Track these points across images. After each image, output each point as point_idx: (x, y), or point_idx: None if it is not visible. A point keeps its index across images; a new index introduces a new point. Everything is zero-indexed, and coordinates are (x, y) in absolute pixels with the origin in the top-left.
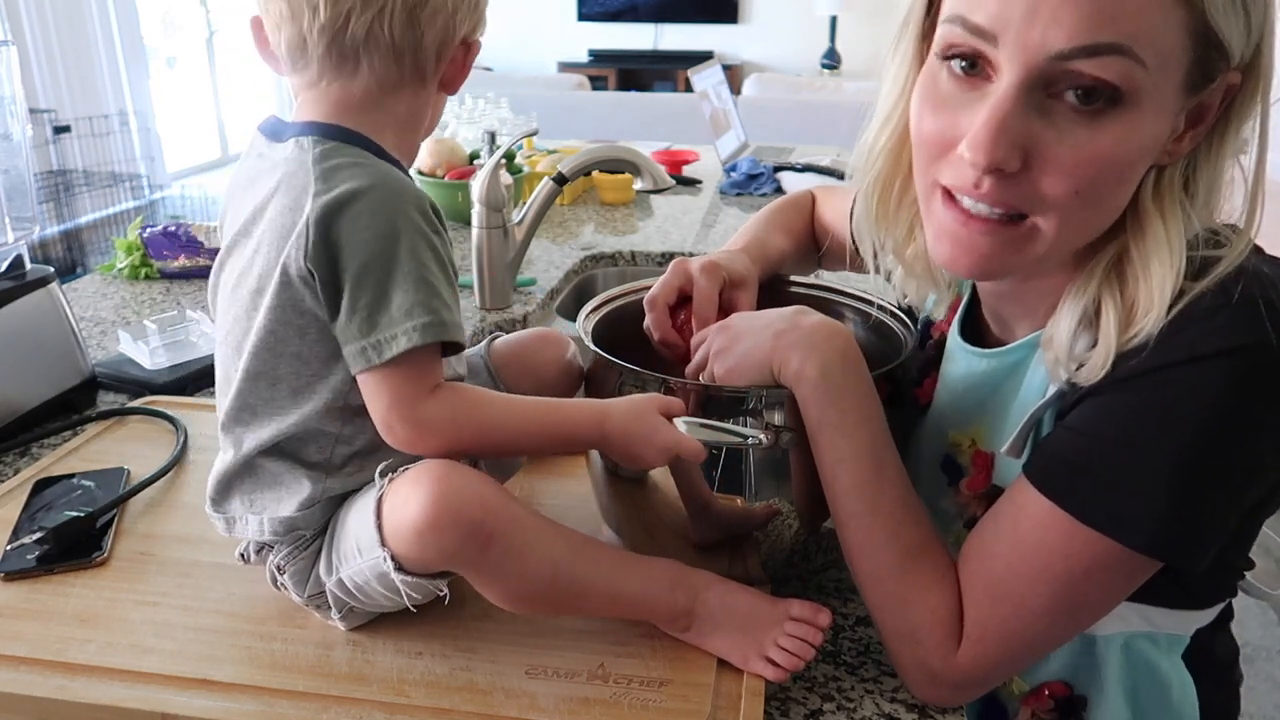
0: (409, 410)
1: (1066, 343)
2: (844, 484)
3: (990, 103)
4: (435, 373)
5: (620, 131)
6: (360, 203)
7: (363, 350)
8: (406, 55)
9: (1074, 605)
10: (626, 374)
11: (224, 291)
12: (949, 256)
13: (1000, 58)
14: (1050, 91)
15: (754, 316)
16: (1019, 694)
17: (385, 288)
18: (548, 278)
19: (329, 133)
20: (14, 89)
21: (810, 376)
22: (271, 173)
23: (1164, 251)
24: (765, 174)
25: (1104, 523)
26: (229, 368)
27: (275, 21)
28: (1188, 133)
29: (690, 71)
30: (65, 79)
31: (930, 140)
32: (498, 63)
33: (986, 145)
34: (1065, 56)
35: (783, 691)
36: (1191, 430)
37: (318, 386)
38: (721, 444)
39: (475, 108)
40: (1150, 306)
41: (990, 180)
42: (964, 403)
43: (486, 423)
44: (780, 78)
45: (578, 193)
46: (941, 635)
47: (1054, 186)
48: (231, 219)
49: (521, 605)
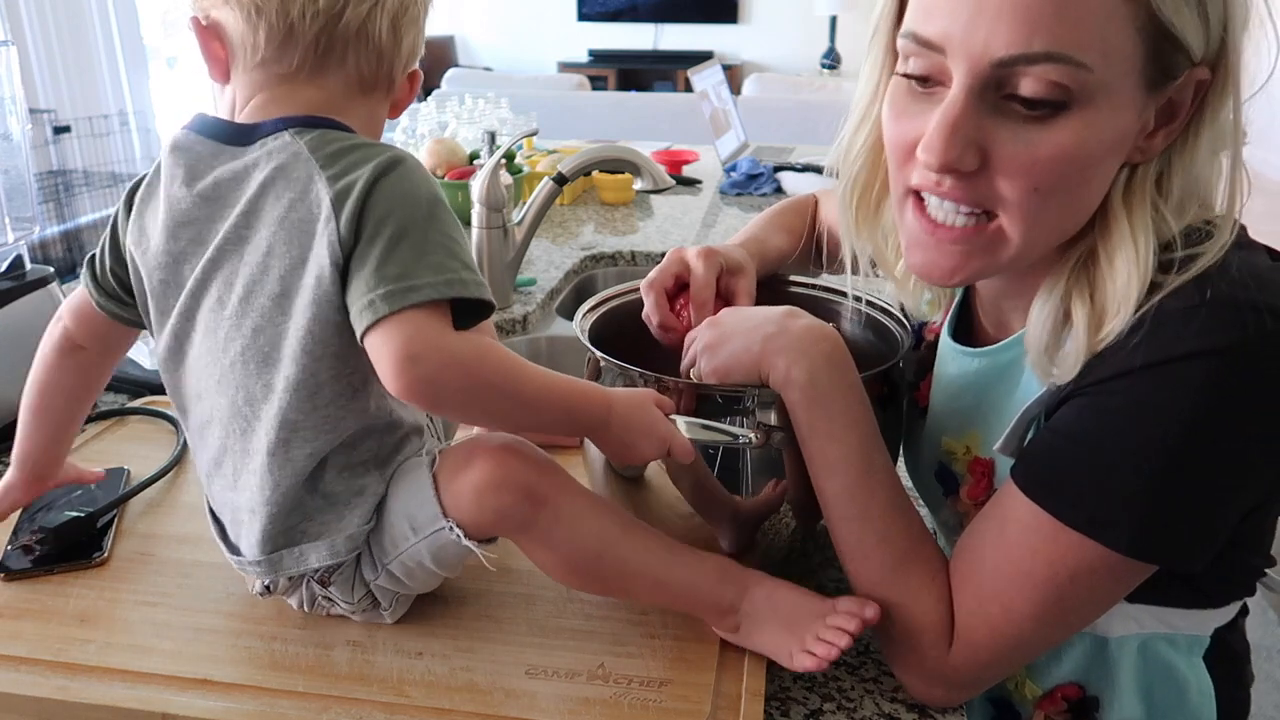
0: (436, 338)
1: (1042, 342)
2: (834, 488)
3: (943, 107)
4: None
5: (620, 131)
6: (401, 168)
7: (389, 295)
8: (385, 58)
9: (1062, 608)
10: (623, 373)
11: (217, 310)
12: (920, 265)
13: (950, 66)
14: (1003, 93)
15: (745, 315)
16: (1032, 699)
17: (412, 250)
18: (548, 278)
19: (310, 123)
20: (14, 89)
21: (797, 381)
22: (246, 174)
23: (1129, 250)
24: (765, 174)
25: (1086, 525)
26: (250, 389)
27: (256, 9)
28: (1160, 130)
29: (690, 71)
30: (65, 79)
31: (897, 146)
32: (498, 63)
33: (938, 146)
34: (1006, 64)
35: (783, 691)
36: (1170, 432)
37: (368, 384)
38: (713, 443)
39: (475, 108)
40: (1117, 307)
41: (950, 179)
42: (958, 405)
43: (508, 369)
44: (780, 78)
45: (578, 193)
46: (935, 636)
47: (1013, 185)
48: (192, 234)
49: (571, 577)
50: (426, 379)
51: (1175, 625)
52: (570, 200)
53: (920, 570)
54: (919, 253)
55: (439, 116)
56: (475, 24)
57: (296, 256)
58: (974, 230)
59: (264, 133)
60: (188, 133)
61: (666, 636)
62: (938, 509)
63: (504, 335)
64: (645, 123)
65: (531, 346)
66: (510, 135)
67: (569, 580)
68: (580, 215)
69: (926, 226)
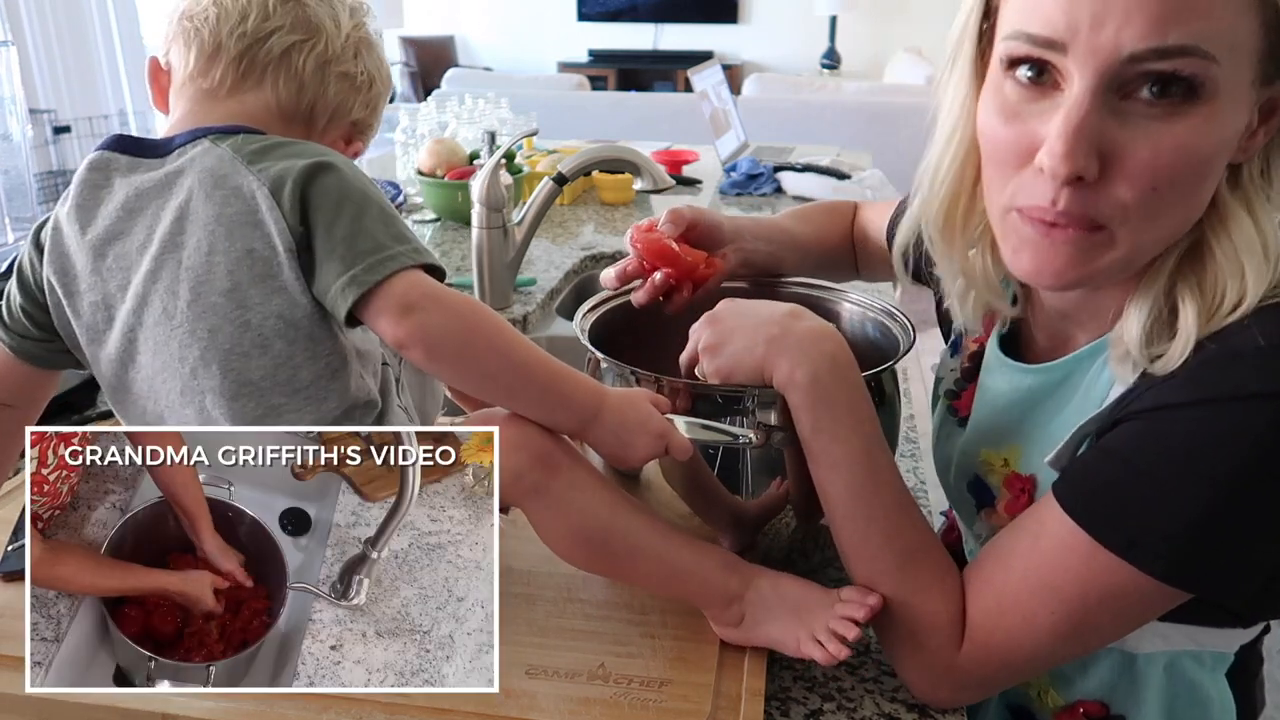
0: (432, 288)
1: (1139, 336)
2: (838, 489)
3: (1065, 110)
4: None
5: (620, 131)
6: (336, 171)
7: (370, 267)
8: (307, 94)
9: (1083, 627)
10: (623, 373)
11: (164, 323)
12: (1031, 268)
13: (1069, 65)
14: (1123, 93)
15: (746, 313)
16: (1053, 708)
17: (377, 224)
18: (548, 278)
19: (227, 130)
20: (14, 89)
21: (800, 383)
22: (169, 183)
23: (1254, 242)
24: (765, 174)
25: (1124, 549)
26: (219, 389)
27: (195, 27)
28: (1261, 127)
29: (690, 71)
30: (65, 79)
31: (1006, 149)
32: (498, 63)
33: (1065, 153)
34: (1138, 58)
35: (783, 691)
36: (1225, 469)
37: (348, 364)
38: (712, 443)
39: (475, 108)
40: (1240, 298)
41: (1067, 194)
42: (1003, 419)
43: (501, 327)
44: (780, 78)
45: (578, 193)
46: (942, 639)
47: (1133, 187)
48: (119, 249)
49: (578, 550)
50: (425, 325)
51: (1203, 643)
52: (570, 200)
53: (928, 570)
54: (1029, 255)
55: (439, 116)
56: (475, 24)
57: (242, 248)
58: (1084, 234)
59: (180, 143)
60: (103, 152)
61: (666, 636)
62: (971, 521)
63: None
64: (645, 123)
65: None
66: (510, 135)
67: (574, 554)
68: (580, 215)
69: (1040, 228)
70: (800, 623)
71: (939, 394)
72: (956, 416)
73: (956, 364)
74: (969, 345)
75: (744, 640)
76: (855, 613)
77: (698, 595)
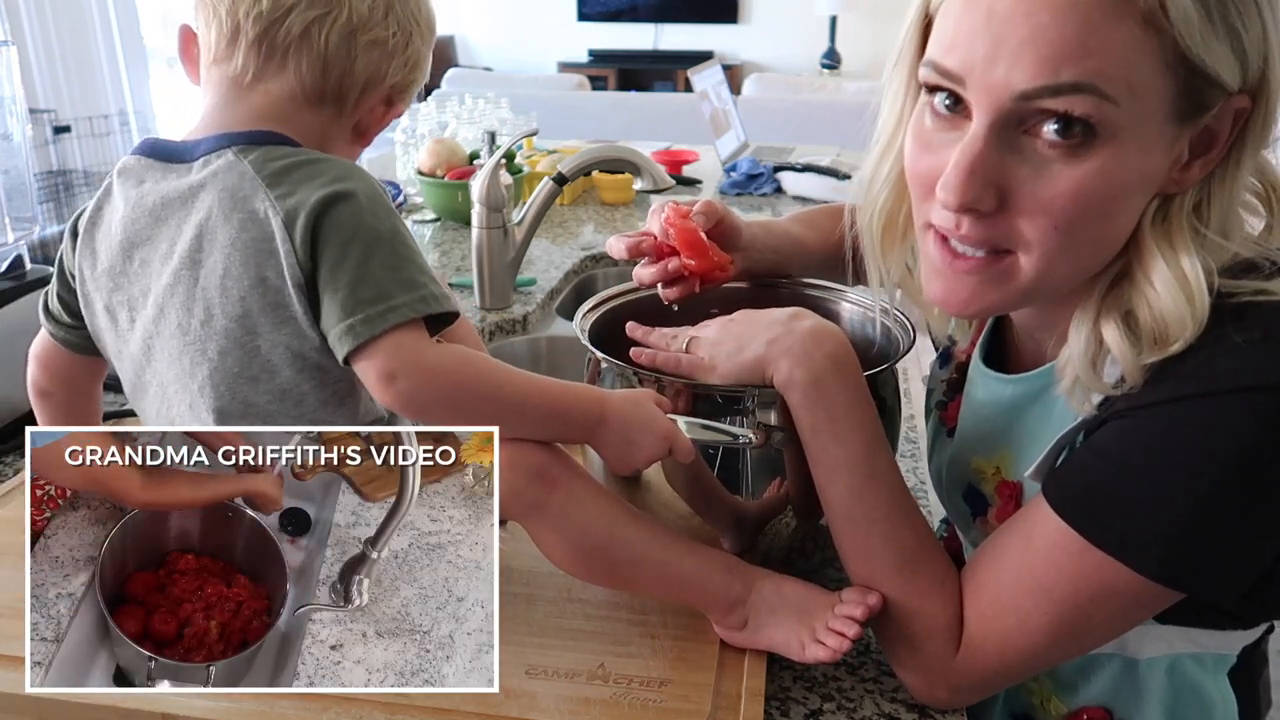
0: (416, 354)
1: (1077, 368)
2: (838, 489)
3: (962, 144)
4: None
5: (620, 131)
6: (353, 201)
7: (367, 320)
8: (334, 72)
9: (1077, 627)
10: (623, 373)
11: (179, 336)
12: (939, 295)
13: (970, 99)
14: (1025, 129)
15: (752, 317)
16: (1056, 715)
17: (383, 269)
18: (548, 278)
19: (253, 139)
20: (14, 89)
21: (800, 383)
22: (193, 195)
23: (1169, 272)
24: (765, 174)
25: (1115, 548)
26: (224, 410)
27: (213, 6)
28: (1196, 160)
29: (690, 71)
30: (65, 79)
31: (919, 179)
32: (498, 63)
33: (957, 186)
34: (1029, 96)
35: (783, 691)
36: (1214, 464)
37: (355, 391)
38: (712, 443)
39: (475, 108)
40: (1166, 332)
41: (968, 220)
42: (988, 428)
43: (488, 374)
44: (780, 78)
45: (578, 193)
46: (940, 641)
47: (1033, 224)
48: (144, 254)
49: (579, 563)
50: (408, 393)
51: (1204, 645)
52: (570, 200)
53: (928, 572)
54: (938, 282)
55: (439, 116)
56: (475, 24)
57: (255, 275)
58: (987, 261)
59: (205, 150)
60: (135, 157)
61: (666, 636)
62: (967, 530)
63: (504, 335)
64: (645, 123)
65: (531, 346)
66: (510, 135)
67: (576, 568)
68: (580, 215)
69: (946, 256)
70: (804, 625)
71: (930, 406)
72: (945, 428)
73: (945, 375)
74: (958, 356)
75: (748, 644)
76: (855, 611)
77: (701, 601)
